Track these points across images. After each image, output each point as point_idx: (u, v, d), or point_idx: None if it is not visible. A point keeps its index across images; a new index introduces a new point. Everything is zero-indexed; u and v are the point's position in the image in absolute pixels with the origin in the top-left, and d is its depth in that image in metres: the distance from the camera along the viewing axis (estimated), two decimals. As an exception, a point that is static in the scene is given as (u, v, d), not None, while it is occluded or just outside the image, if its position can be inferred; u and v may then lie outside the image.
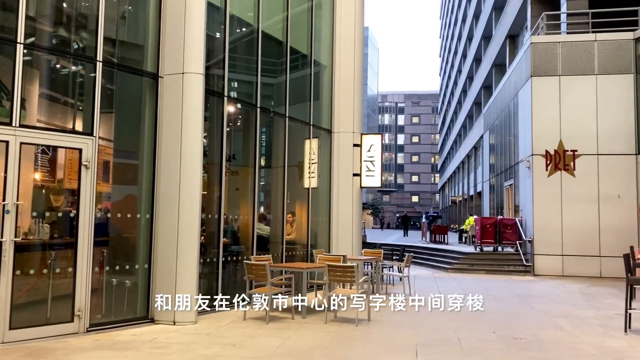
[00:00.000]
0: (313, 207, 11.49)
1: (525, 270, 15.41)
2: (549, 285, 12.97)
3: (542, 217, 15.28)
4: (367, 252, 11.40)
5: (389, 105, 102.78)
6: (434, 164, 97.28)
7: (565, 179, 15.23)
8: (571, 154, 15.23)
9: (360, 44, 12.24)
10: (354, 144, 11.97)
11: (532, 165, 15.49)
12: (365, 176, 12.04)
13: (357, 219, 11.92)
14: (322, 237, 11.85)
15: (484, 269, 15.76)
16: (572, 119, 15.28)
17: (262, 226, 10.24)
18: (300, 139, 11.39)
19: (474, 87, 39.65)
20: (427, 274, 15.49)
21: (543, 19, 16.34)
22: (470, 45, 41.54)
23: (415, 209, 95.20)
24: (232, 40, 9.27)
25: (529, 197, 15.83)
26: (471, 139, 39.90)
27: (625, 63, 15.09)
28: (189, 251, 7.63)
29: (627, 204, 14.83)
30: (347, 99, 11.99)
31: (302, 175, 11.51)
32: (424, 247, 19.75)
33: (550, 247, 15.13)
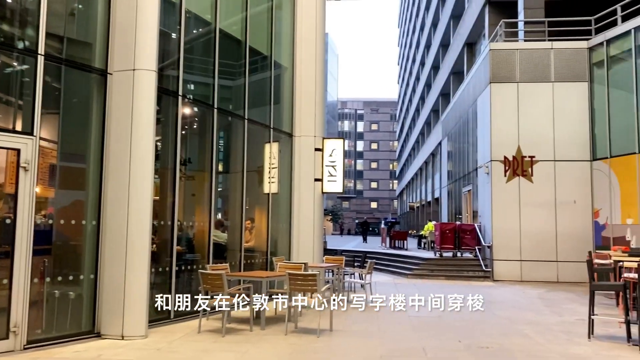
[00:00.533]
0: (273, 213, 11.11)
1: (484, 276, 15.46)
2: (509, 290, 12.99)
3: (500, 223, 15.37)
4: (329, 259, 11.10)
5: (349, 112, 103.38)
6: (393, 171, 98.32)
7: (523, 184, 15.38)
8: (529, 160, 15.41)
9: (321, 46, 11.98)
10: (315, 149, 11.67)
11: (491, 171, 15.59)
12: (327, 181, 11.75)
13: (318, 225, 11.61)
14: (283, 244, 11.48)
15: (444, 275, 15.72)
16: (530, 126, 15.48)
17: (219, 233, 9.80)
18: (260, 143, 11.01)
19: (432, 95, 40.15)
20: (387, 280, 15.32)
21: (501, 27, 16.55)
22: (429, 53, 42.10)
23: (374, 215, 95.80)
24: (188, 38, 8.83)
25: (487, 202, 15.92)
26: (429, 145, 40.36)
27: (580, 71, 15.41)
28: (139, 260, 7.13)
29: (583, 210, 15.10)
30: (308, 102, 11.69)
31: (262, 180, 11.12)
32: (384, 253, 19.63)
33: (508, 252, 15.23)
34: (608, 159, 14.59)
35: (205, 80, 9.39)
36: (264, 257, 10.70)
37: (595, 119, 15.18)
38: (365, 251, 18.58)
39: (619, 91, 14.48)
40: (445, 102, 34.80)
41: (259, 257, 10.71)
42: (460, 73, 30.10)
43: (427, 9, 42.76)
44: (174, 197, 8.33)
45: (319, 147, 11.71)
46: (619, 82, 14.48)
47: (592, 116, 15.27)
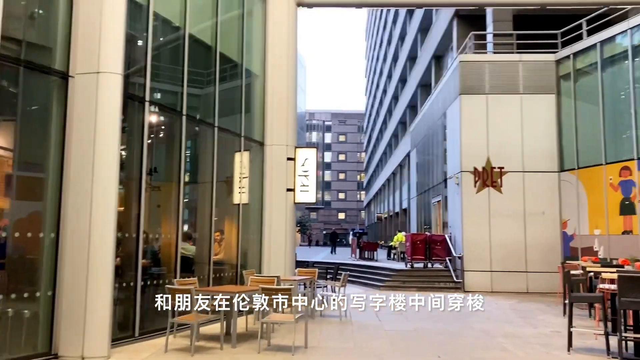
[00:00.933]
0: (243, 224, 10.75)
1: (455, 287, 15.39)
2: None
3: (471, 233, 15.37)
4: (302, 272, 10.79)
5: (317, 123, 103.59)
6: (360, 182, 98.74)
7: (493, 195, 15.45)
8: (498, 171, 15.49)
9: (293, 54, 11.76)
10: (287, 158, 11.40)
11: (461, 181, 15.61)
12: (300, 191, 11.48)
13: (290, 237, 11.30)
14: (253, 256, 11.11)
15: (416, 286, 15.58)
16: (499, 137, 15.59)
17: (187, 246, 9.38)
18: (230, 152, 10.66)
19: (399, 107, 40.45)
20: (359, 292, 15.04)
21: (471, 39, 16.69)
22: (396, 66, 42.48)
23: (342, 225, 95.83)
24: (156, 42, 8.47)
25: (458, 213, 15.92)
26: (397, 157, 40.57)
27: (548, 83, 15.64)
28: (101, 275, 6.69)
29: (551, 221, 15.24)
30: (280, 111, 11.43)
31: (232, 191, 10.75)
32: (356, 265, 19.42)
33: (479, 263, 15.22)
34: (575, 170, 14.79)
35: (174, 86, 9.03)
36: (233, 271, 10.32)
37: (563, 131, 15.40)
38: (337, 263, 18.35)
39: (585, 103, 14.73)
40: (412, 114, 35.09)
41: (229, 271, 10.32)
42: (427, 86, 30.39)
43: (394, 22, 43.22)
44: (139, 208, 7.91)
45: (291, 157, 11.45)
46: (586, 94, 14.75)
47: (559, 128, 15.49)
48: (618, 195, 13.29)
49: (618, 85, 13.68)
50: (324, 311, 10.63)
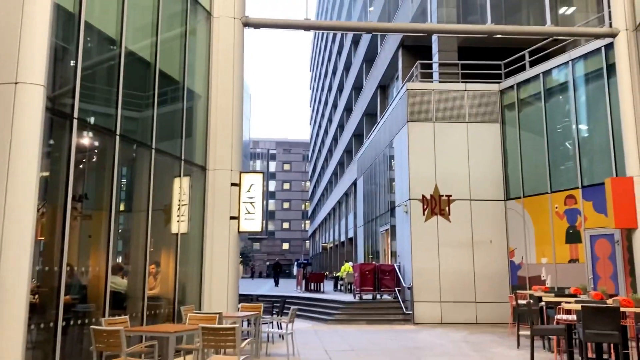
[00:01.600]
0: (182, 255, 9.90)
1: (405, 319, 14.96)
2: (433, 334, 12.51)
3: (420, 263, 15.07)
4: (245, 307, 10.01)
5: (261, 151, 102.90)
6: (305, 211, 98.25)
7: (441, 223, 15.27)
8: (446, 199, 15.38)
9: (239, 74, 11.20)
10: (231, 183, 10.71)
11: (410, 209, 15.36)
12: (244, 219, 10.77)
13: (233, 269, 10.53)
14: (193, 291, 10.24)
15: (365, 319, 15.04)
16: (447, 165, 15.53)
17: (118, 280, 8.44)
18: (169, 177, 9.86)
19: (345, 136, 40.56)
20: (307, 327, 14.36)
21: (417, 67, 16.75)
22: (341, 96, 42.77)
23: (285, 256, 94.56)
24: (87, 54, 7.69)
25: (407, 242, 15.62)
26: (343, 185, 40.47)
27: (493, 112, 15.82)
28: (13, 314, 5.74)
29: (499, 249, 15.19)
30: (224, 133, 10.78)
31: (170, 219, 9.91)
32: (302, 297, 18.68)
33: (429, 294, 14.89)
34: (521, 198, 14.88)
35: (107, 103, 8.22)
36: (170, 307, 9.40)
37: (508, 160, 15.54)
38: (284, 296, 17.56)
39: (529, 132, 14.94)
40: (358, 142, 35.18)
41: (166, 307, 9.39)
42: (373, 115, 30.58)
43: (339, 53, 43.69)
44: (63, 239, 6.99)
45: (235, 182, 10.77)
46: (529, 124, 14.97)
47: (504, 156, 15.62)
48: (564, 224, 13.38)
49: (561, 114, 13.95)
50: (271, 349, 9.86)
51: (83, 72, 7.44)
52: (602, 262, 12.35)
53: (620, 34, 11.67)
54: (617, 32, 11.69)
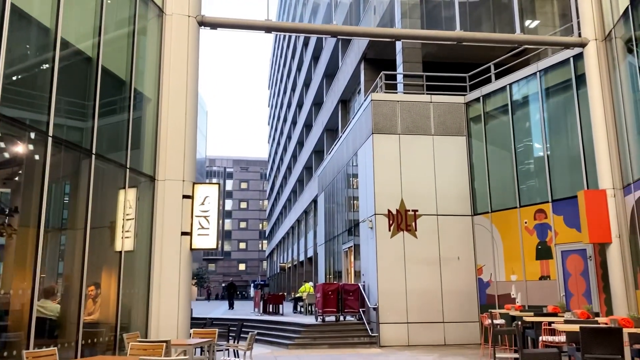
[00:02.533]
0: (126, 276, 8.79)
1: (370, 342, 14.11)
2: (401, 359, 11.70)
3: (386, 282, 14.32)
4: (198, 333, 8.93)
5: (217, 169, 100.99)
6: (262, 231, 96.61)
7: (407, 239, 14.60)
8: (412, 214, 14.75)
9: (193, 78, 10.27)
10: (183, 195, 9.71)
11: (375, 225, 14.64)
12: (197, 235, 9.76)
13: (185, 290, 9.46)
14: (139, 315, 9.11)
15: (327, 343, 14.10)
16: (413, 178, 14.94)
17: (49, 304, 7.28)
18: (112, 187, 8.77)
19: (304, 152, 39.84)
20: (265, 352, 13.30)
21: (382, 79, 16.22)
22: (301, 112, 42.16)
23: (242, 277, 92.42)
24: (13, 39, 6.62)
25: (372, 259, 14.86)
26: (302, 203, 39.60)
27: (458, 125, 15.40)
28: None
29: (466, 266, 14.63)
30: (176, 141, 9.80)
31: (113, 235, 8.80)
32: (260, 320, 17.57)
33: (395, 315, 14.12)
34: (489, 213, 14.40)
35: (37, 100, 7.14)
36: (112, 334, 8.25)
37: (475, 174, 15.10)
38: (241, 319, 16.45)
39: (496, 146, 14.56)
40: (318, 159, 34.51)
41: (106, 334, 8.23)
42: (334, 130, 30.01)
43: (299, 69, 43.21)
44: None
45: (188, 194, 9.77)
46: (496, 137, 14.60)
47: (471, 170, 15.18)
48: (534, 239, 12.93)
49: (529, 127, 13.62)
50: (226, 380, 8.81)
51: (7, 60, 6.37)
52: (574, 279, 11.91)
53: (590, 44, 11.42)
54: (587, 42, 11.44)
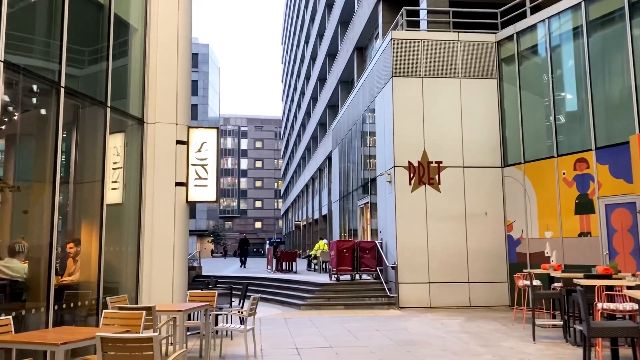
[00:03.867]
0: (111, 232, 7.69)
1: (389, 303, 13.05)
2: (424, 322, 10.61)
3: (406, 239, 13.13)
4: (195, 296, 7.85)
5: (232, 128, 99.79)
6: (277, 189, 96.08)
7: (430, 194, 13.31)
8: (436, 166, 13.40)
9: (186, 4, 8.86)
10: (177, 141, 8.48)
11: (394, 179, 13.35)
12: (194, 186, 8.58)
13: (181, 248, 8.35)
14: (128, 276, 8.05)
15: (343, 303, 13.08)
16: (437, 127, 13.53)
17: (14, 263, 6.21)
18: (90, 130, 7.54)
19: (318, 108, 38.35)
20: (276, 313, 12.32)
21: (403, 15, 14.57)
22: (314, 66, 40.43)
23: (258, 235, 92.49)
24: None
25: (390, 215, 13.64)
26: (316, 161, 38.40)
27: (488, 67, 13.82)
28: None
29: (494, 223, 13.34)
30: (167, 77, 8.50)
31: (94, 186, 7.63)
32: (271, 279, 16.62)
33: (415, 274, 12.99)
34: (521, 164, 12.99)
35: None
36: (93, 298, 7.19)
37: (506, 121, 13.61)
38: (248, 278, 15.47)
39: (531, 89, 13.01)
40: (333, 114, 33.02)
41: (88, 298, 7.18)
42: (349, 82, 28.42)
43: (312, 20, 41.21)
44: None
45: (182, 139, 8.54)
46: (531, 79, 13.02)
47: (502, 117, 13.69)
48: (573, 192, 11.55)
49: (570, 66, 12.02)
50: (229, 348, 7.77)
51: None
52: (620, 235, 10.56)
53: (651, -38, 9.70)
54: (647, -41, 9.72)
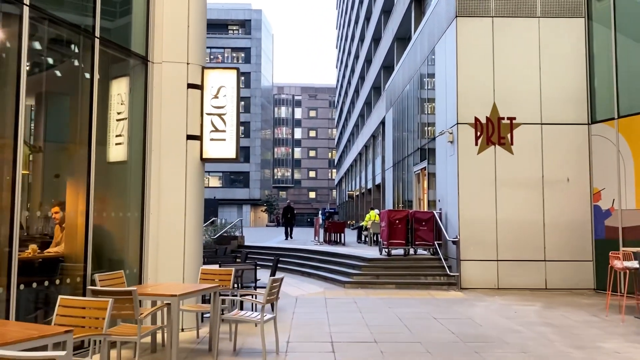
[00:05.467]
0: (110, 195, 6.30)
1: (449, 283, 11.25)
2: (492, 309, 8.77)
3: (470, 209, 11.20)
4: (207, 274, 6.37)
5: (286, 97, 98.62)
6: (332, 159, 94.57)
7: (500, 156, 11.26)
8: (508, 123, 11.29)
9: None
10: (188, 84, 6.93)
11: (457, 138, 11.36)
12: (210, 140, 7.04)
13: (194, 216, 6.89)
14: (129, 248, 6.67)
15: (394, 282, 11.39)
16: (509, 76, 11.36)
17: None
18: (68, 63, 6.08)
19: (372, 70, 36.20)
20: (316, 292, 10.81)
21: (469, -55, 12.27)
22: (369, 25, 38.12)
23: (312, 205, 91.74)
24: None
25: (451, 181, 11.72)
26: (369, 127, 36.48)
27: (575, 3, 11.42)
28: None
29: (578, 190, 11.17)
30: (177, 5, 6.91)
31: (81, 137, 6.21)
32: (315, 251, 15.10)
33: (481, 250, 11.09)
34: (615, 120, 10.67)
35: None
36: (80, 274, 5.83)
37: (595, 68, 11.24)
38: (288, 249, 14.08)
39: (628, 31, 10.56)
40: (387, 75, 30.81)
41: (72, 274, 5.83)
42: (405, 39, 26.10)
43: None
44: None
45: (195, 83, 6.98)
46: (630, 18, 10.56)
47: (590, 64, 11.33)
48: (686, 152, 9.22)
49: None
50: (246, 341, 6.28)
51: None
52: None
53: None
54: None
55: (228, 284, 6.18)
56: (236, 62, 67.76)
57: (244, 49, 68.46)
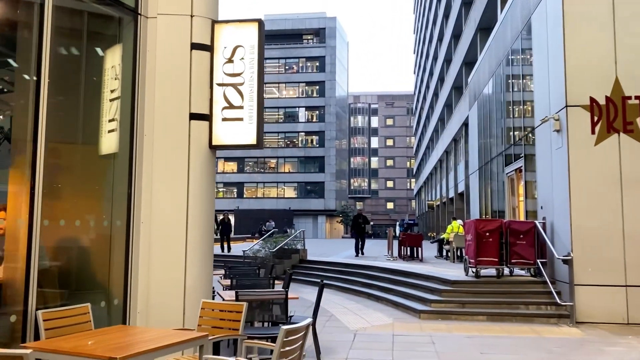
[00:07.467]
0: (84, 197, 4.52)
1: (558, 314, 8.57)
2: (631, 357, 6.12)
3: (586, 218, 8.51)
4: (209, 311, 4.38)
5: (362, 106, 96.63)
6: (410, 169, 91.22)
7: (627, 147, 8.51)
8: (637, 104, 8.53)
9: None
10: (193, 44, 5.03)
11: (566, 125, 8.75)
12: (222, 120, 5.09)
13: (200, 227, 4.94)
14: (113, 272, 4.83)
15: (485, 312, 8.88)
16: (636, 43, 8.62)
17: None
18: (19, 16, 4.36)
19: (452, 68, 33.43)
20: (383, 323, 8.53)
21: None
22: (447, 22, 35.40)
23: (390, 216, 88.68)
24: None
25: (559, 183, 9.08)
26: (450, 130, 33.66)
27: None
28: None
29: None
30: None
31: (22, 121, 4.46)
32: (386, 269, 12.76)
33: (603, 272, 8.37)
34: None
35: None
36: (18, 310, 4.02)
37: None
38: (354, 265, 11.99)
39: None
40: (469, 70, 27.97)
41: (7, 310, 4.03)
42: (488, 29, 23.25)
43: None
44: None
45: (202, 42, 5.07)
46: None
47: None
48: None
49: None
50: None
51: None
52: None
53: None
54: None
55: (237, 325, 4.16)
56: (311, 72, 66.86)
57: (318, 58, 67.40)
